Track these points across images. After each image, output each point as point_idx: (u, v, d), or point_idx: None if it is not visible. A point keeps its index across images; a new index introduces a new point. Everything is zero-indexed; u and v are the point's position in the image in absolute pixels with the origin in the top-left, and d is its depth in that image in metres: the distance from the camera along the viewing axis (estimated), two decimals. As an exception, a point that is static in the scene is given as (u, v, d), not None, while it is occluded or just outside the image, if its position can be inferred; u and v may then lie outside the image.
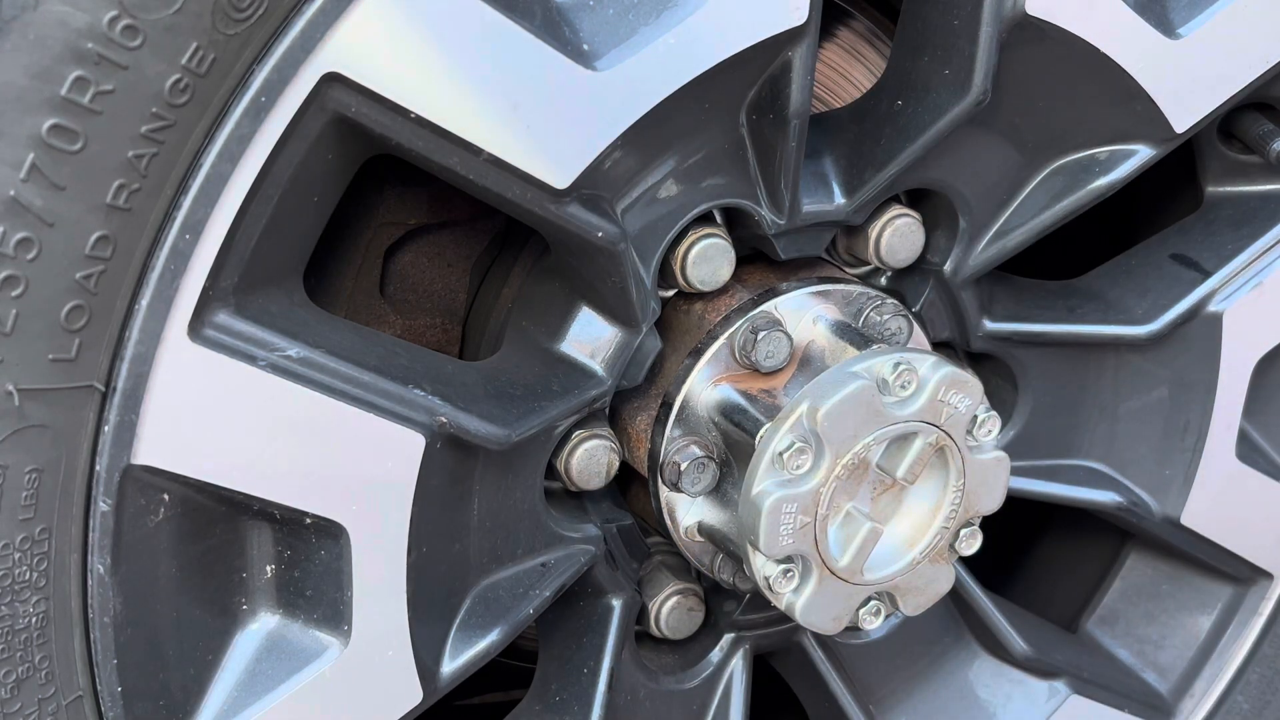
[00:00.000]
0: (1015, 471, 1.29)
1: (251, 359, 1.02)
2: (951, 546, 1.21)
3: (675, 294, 1.23)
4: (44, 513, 0.99)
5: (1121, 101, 1.23)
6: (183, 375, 1.00)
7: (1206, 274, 1.37)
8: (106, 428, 0.99)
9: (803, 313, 1.23)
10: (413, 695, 1.17)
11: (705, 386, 1.22)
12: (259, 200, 0.99)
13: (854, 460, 1.12)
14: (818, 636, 1.41)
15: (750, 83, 1.13)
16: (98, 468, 0.99)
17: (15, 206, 0.90)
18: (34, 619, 1.01)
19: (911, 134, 1.19)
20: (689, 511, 1.25)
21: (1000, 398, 1.39)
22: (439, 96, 1.00)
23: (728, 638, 1.38)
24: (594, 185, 1.09)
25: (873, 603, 1.21)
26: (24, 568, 0.99)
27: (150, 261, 0.96)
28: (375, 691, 1.15)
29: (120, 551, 1.02)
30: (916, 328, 1.29)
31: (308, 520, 1.08)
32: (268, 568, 1.12)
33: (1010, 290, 1.37)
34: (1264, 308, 1.38)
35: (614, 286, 1.15)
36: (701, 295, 1.23)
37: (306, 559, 1.11)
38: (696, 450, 1.21)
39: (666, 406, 1.23)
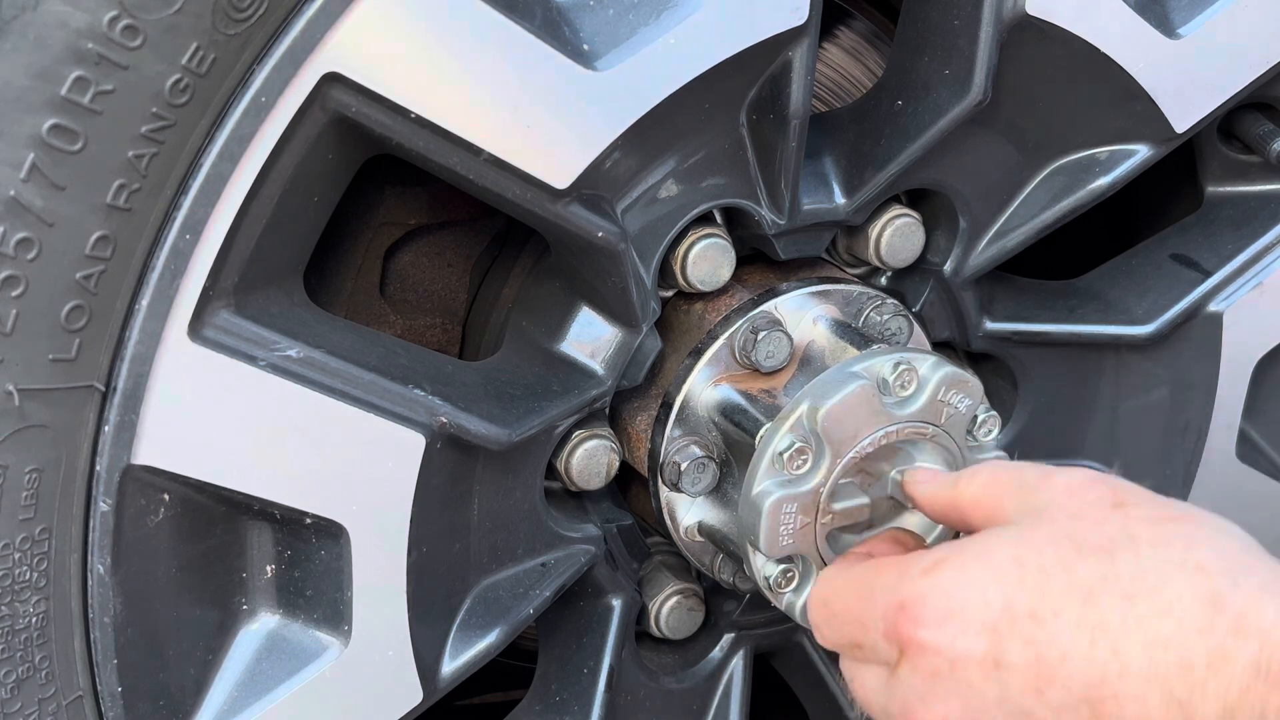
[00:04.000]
0: (1015, 471, 1.29)
1: (252, 359, 1.02)
2: (951, 546, 1.21)
3: (675, 294, 1.23)
4: (44, 513, 0.99)
5: (1121, 101, 1.23)
6: (183, 375, 1.00)
7: (1206, 274, 1.37)
8: (106, 428, 0.99)
9: (803, 313, 1.23)
10: (413, 695, 1.17)
11: (705, 386, 1.22)
12: (259, 200, 0.99)
13: (854, 460, 1.12)
14: (818, 636, 1.41)
15: (750, 83, 1.13)
16: (98, 468, 1.00)
17: (15, 206, 0.90)
18: (34, 619, 1.01)
19: (912, 134, 1.19)
20: (689, 511, 1.25)
21: (1000, 398, 1.39)
22: (439, 96, 1.00)
23: (728, 638, 1.38)
24: (594, 185, 1.09)
25: (873, 603, 1.21)
26: (24, 568, 0.99)
27: (150, 261, 0.96)
28: (375, 691, 1.15)
29: (120, 551, 1.02)
30: (917, 328, 1.29)
31: (308, 520, 1.08)
32: (268, 568, 1.12)
33: (1010, 290, 1.37)
34: (1264, 308, 1.38)
35: (614, 286, 1.15)
36: (701, 295, 1.23)
37: (306, 559, 1.11)
38: (696, 450, 1.21)
39: (666, 406, 1.23)
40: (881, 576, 0.95)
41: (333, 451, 1.06)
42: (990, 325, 1.33)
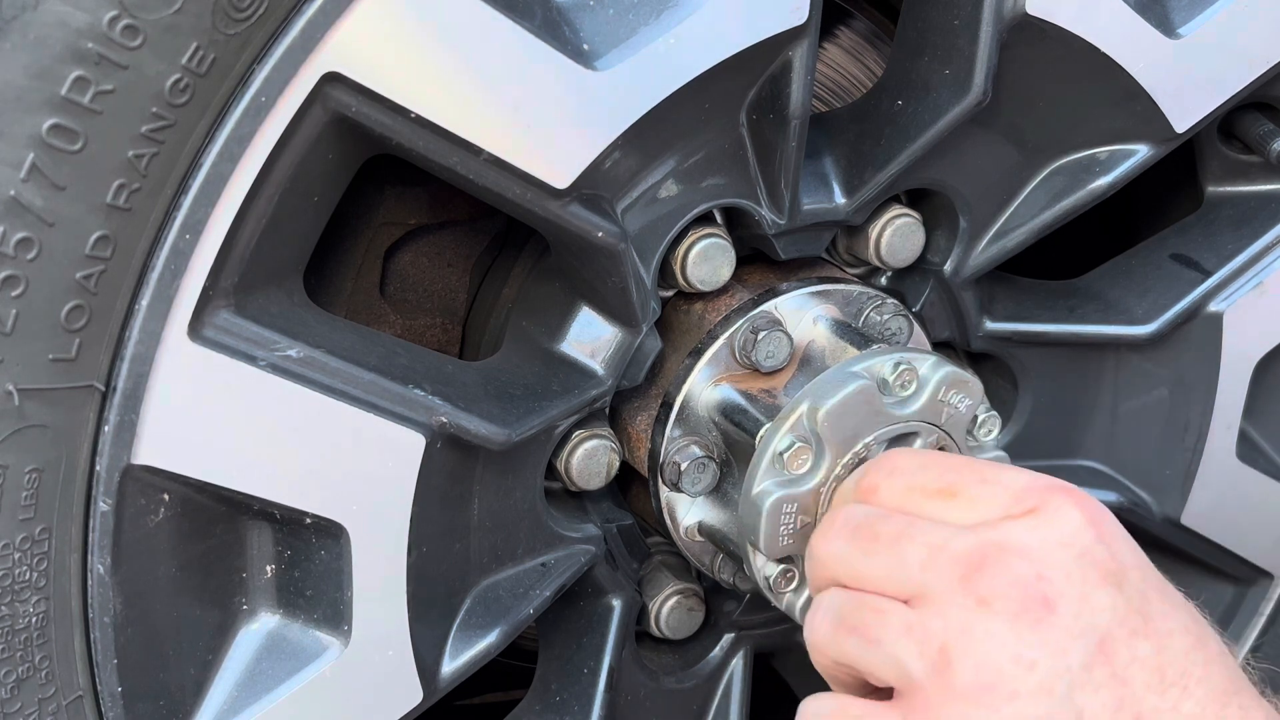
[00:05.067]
0: (1015, 471, 1.29)
1: (252, 359, 1.02)
2: (952, 546, 1.21)
3: (675, 294, 1.23)
4: (44, 513, 0.99)
5: (1121, 101, 1.23)
6: (183, 375, 1.00)
7: (1206, 274, 1.37)
8: (106, 428, 0.99)
9: (803, 313, 1.23)
10: (413, 695, 1.17)
11: (705, 386, 1.22)
12: (259, 200, 0.99)
13: (854, 460, 1.12)
14: (818, 636, 1.41)
15: (750, 83, 1.13)
16: (98, 468, 0.99)
17: (15, 206, 0.90)
18: (34, 619, 1.01)
19: (912, 134, 1.19)
20: (689, 511, 1.25)
21: (1000, 398, 1.39)
22: (439, 96, 1.00)
23: (728, 638, 1.38)
24: (594, 185, 1.09)
25: (873, 603, 1.20)
26: (24, 568, 0.99)
27: (150, 261, 0.96)
28: (375, 691, 1.15)
29: (120, 551, 1.02)
30: (917, 328, 1.29)
31: (308, 520, 1.08)
32: (268, 568, 1.12)
33: (1010, 290, 1.37)
34: (1264, 308, 1.38)
35: (614, 286, 1.15)
36: (701, 295, 1.23)
37: (306, 559, 1.11)
38: (696, 450, 1.21)
39: (666, 406, 1.23)
40: None
41: (333, 451, 1.06)
42: (990, 325, 1.33)
